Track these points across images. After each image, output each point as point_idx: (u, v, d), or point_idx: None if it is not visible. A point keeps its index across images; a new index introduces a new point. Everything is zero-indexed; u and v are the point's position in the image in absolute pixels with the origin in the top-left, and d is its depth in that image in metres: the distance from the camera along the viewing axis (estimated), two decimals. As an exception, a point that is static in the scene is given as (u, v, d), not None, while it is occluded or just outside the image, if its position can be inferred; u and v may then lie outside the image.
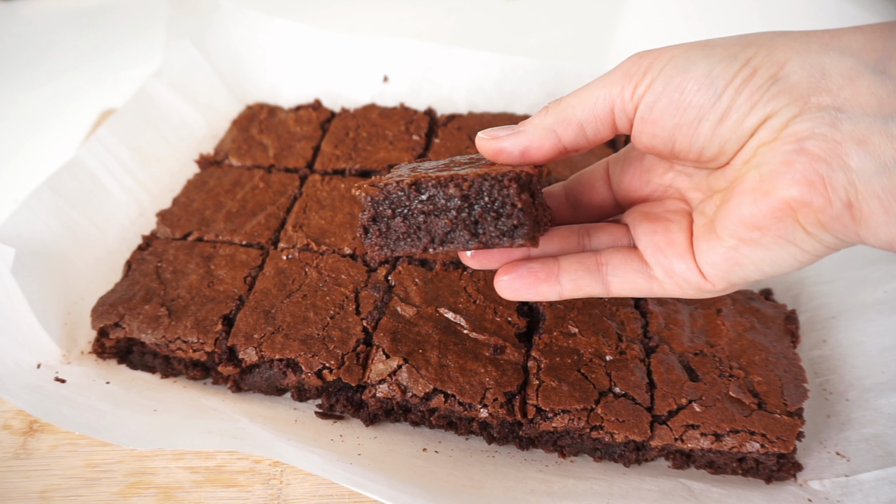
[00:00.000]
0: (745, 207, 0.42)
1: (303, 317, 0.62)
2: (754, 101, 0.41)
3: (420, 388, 0.56)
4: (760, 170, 0.42)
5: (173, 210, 0.74)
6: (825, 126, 0.38)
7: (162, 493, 0.56)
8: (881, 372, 0.60)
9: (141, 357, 0.65)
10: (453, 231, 0.44)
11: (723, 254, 0.45)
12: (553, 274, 0.49)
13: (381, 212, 0.45)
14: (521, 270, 0.49)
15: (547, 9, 1.23)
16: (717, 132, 0.43)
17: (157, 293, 0.65)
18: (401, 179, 0.45)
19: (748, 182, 0.43)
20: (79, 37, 1.26)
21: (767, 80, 0.40)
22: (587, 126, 0.45)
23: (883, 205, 0.37)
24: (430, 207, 0.44)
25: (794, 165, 0.40)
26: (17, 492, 0.57)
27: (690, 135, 0.43)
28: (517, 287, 0.49)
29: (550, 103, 0.47)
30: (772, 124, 0.41)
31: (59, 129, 1.03)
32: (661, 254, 0.48)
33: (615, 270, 0.49)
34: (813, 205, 0.39)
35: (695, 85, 0.42)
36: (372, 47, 0.94)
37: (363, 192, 0.45)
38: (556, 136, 0.46)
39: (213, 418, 0.58)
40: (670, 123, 0.43)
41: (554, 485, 0.54)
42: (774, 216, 0.41)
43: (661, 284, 0.48)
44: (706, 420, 0.54)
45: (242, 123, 0.85)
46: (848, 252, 0.70)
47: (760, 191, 0.41)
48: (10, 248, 0.63)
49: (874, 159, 0.37)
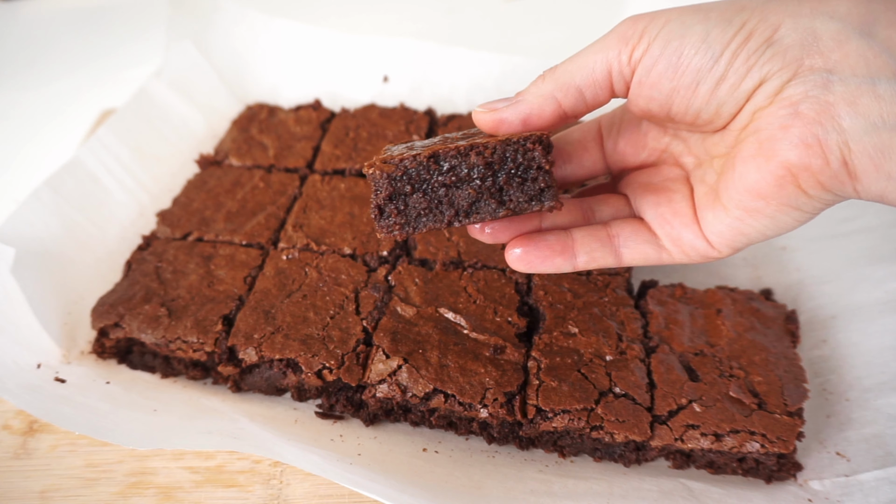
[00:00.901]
0: (750, 176, 0.43)
1: (303, 317, 0.62)
2: (750, 64, 0.41)
3: (420, 388, 0.56)
4: (759, 136, 0.42)
5: (173, 210, 0.74)
6: (818, 88, 0.40)
7: (162, 493, 0.56)
8: (881, 372, 0.60)
9: (141, 357, 0.65)
10: (478, 201, 0.43)
11: (729, 224, 0.45)
12: (568, 246, 0.49)
13: (399, 189, 0.43)
14: (536, 242, 0.49)
15: (547, 9, 1.23)
16: (714, 95, 0.43)
17: (157, 293, 0.65)
18: (417, 154, 0.43)
19: (748, 149, 0.43)
20: (79, 37, 1.26)
21: (762, 43, 0.41)
22: (586, 91, 0.46)
23: (874, 162, 0.39)
24: (451, 179, 0.43)
25: (791, 130, 0.40)
26: (17, 492, 0.57)
27: (688, 98, 0.44)
28: (532, 259, 0.49)
29: (546, 71, 0.47)
30: (767, 89, 0.42)
31: (59, 129, 1.03)
32: (668, 225, 0.49)
33: (626, 241, 0.50)
34: (812, 167, 0.40)
35: (692, 48, 0.42)
36: (372, 47, 0.94)
37: (377, 169, 0.43)
38: (556, 101, 0.46)
39: (213, 418, 0.58)
40: (668, 87, 0.44)
41: (554, 485, 0.54)
42: (777, 184, 0.42)
43: (670, 253, 0.49)
44: (706, 420, 0.54)
45: (242, 123, 0.85)
46: (848, 252, 0.70)
47: (762, 157, 0.42)
48: (10, 248, 0.63)
49: (864, 119, 0.38)
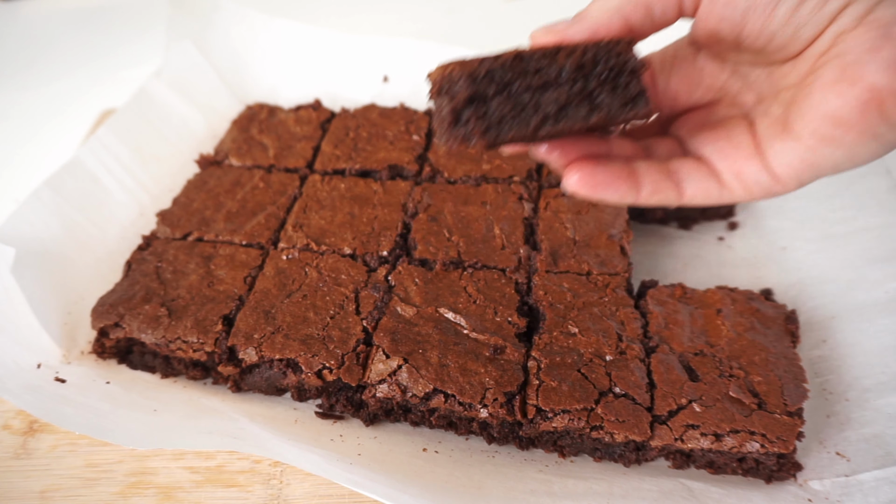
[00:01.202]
0: (830, 102, 0.40)
1: (303, 317, 0.62)
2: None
3: (420, 388, 0.56)
4: (842, 59, 0.39)
5: (173, 210, 0.74)
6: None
7: (162, 493, 0.56)
8: (881, 372, 0.60)
9: (141, 357, 0.65)
10: (568, 106, 0.40)
11: (800, 155, 0.42)
12: (634, 173, 0.45)
13: (481, 91, 0.40)
14: (602, 165, 0.44)
15: (547, 9, 1.23)
16: (795, 15, 0.40)
17: (157, 293, 0.65)
18: (500, 54, 0.40)
19: (829, 74, 0.40)
20: (79, 37, 1.26)
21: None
22: (655, 6, 0.42)
23: None
24: (538, 81, 0.40)
25: (882, 52, 0.38)
26: (17, 492, 0.57)
27: (764, 18, 0.41)
28: (598, 182, 0.44)
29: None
30: (854, 10, 0.39)
31: (59, 129, 1.03)
32: (730, 159, 0.45)
33: (687, 177, 0.46)
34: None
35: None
36: (372, 47, 0.94)
37: (454, 69, 0.40)
38: (623, 17, 0.42)
39: (213, 418, 0.58)
40: (743, 4, 0.40)
41: (554, 485, 0.54)
42: (862, 109, 0.39)
43: (731, 190, 0.45)
44: (706, 420, 0.54)
45: (242, 123, 0.85)
46: (847, 252, 0.70)
47: (845, 82, 0.39)
48: (10, 248, 0.63)
49: None
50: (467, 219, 0.70)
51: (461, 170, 0.76)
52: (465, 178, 0.76)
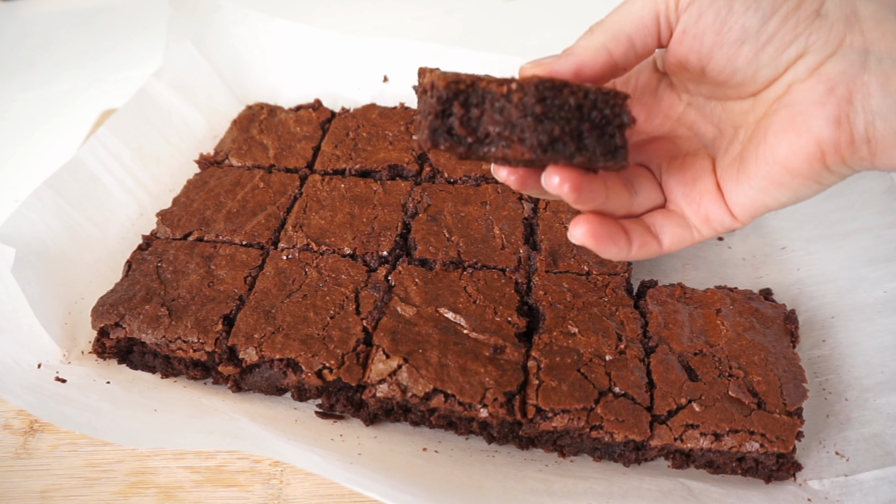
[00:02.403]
0: (781, 150, 0.44)
1: (303, 317, 0.62)
2: (798, 32, 0.42)
3: (420, 388, 0.56)
4: (792, 109, 0.43)
5: (173, 210, 0.74)
6: (855, 67, 0.41)
7: (162, 493, 0.56)
8: (880, 372, 0.60)
9: (141, 357, 0.65)
10: (558, 140, 0.42)
11: (752, 196, 0.47)
12: (627, 231, 0.50)
13: (473, 103, 0.42)
14: (604, 222, 0.49)
15: (547, 9, 1.23)
16: (756, 57, 0.43)
17: (158, 293, 0.65)
18: (503, 79, 0.42)
19: (780, 121, 0.44)
20: (79, 37, 1.26)
21: (811, 13, 0.41)
22: (636, 38, 0.45)
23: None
24: (540, 110, 0.41)
25: (826, 106, 0.41)
26: (17, 492, 0.57)
27: (729, 55, 0.44)
28: (602, 236, 0.49)
29: (593, 25, 0.47)
30: (807, 62, 0.42)
31: (59, 129, 1.03)
32: (697, 205, 0.50)
33: (663, 230, 0.51)
34: (840, 144, 0.42)
35: (742, 5, 0.42)
36: (372, 47, 0.94)
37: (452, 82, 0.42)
38: (607, 52, 0.46)
39: (214, 418, 0.58)
40: (711, 40, 0.44)
41: (554, 484, 0.54)
42: (808, 160, 0.43)
43: (700, 232, 0.51)
44: (706, 420, 0.54)
45: (242, 123, 0.85)
46: (847, 252, 0.70)
47: (794, 132, 0.43)
48: (10, 248, 0.63)
49: (894, 98, 0.40)
50: (467, 219, 0.70)
51: (461, 170, 0.76)
52: (465, 178, 0.76)
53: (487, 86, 0.42)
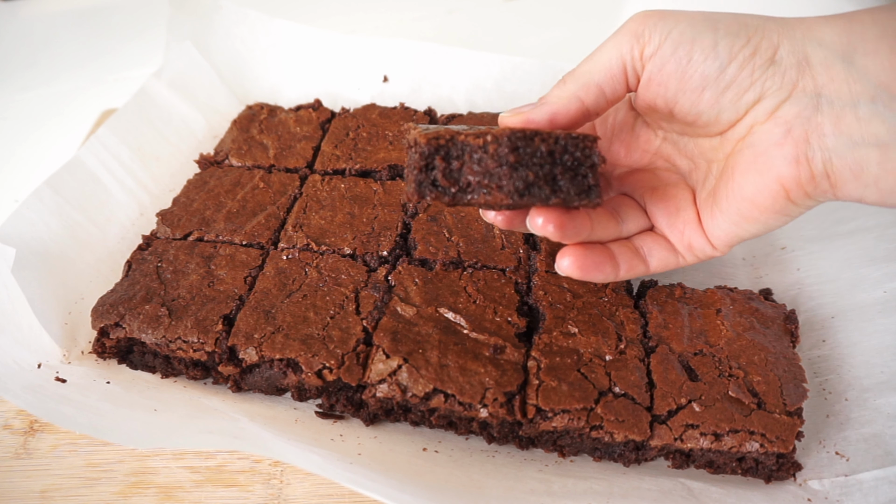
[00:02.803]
0: (748, 188, 0.48)
1: (303, 317, 0.62)
2: (754, 78, 0.46)
3: (420, 388, 0.56)
4: (755, 149, 0.48)
5: (173, 210, 0.74)
6: (809, 110, 0.45)
7: (162, 493, 0.56)
8: (880, 372, 0.60)
9: (141, 357, 0.65)
10: (534, 185, 0.45)
11: (726, 228, 0.52)
12: (613, 256, 0.54)
13: (454, 156, 0.46)
14: (589, 251, 0.53)
15: (547, 9, 1.23)
16: (717, 101, 0.47)
17: (158, 293, 0.65)
18: (479, 131, 0.45)
19: (744, 160, 0.48)
20: (79, 37, 1.26)
21: (766, 60, 0.45)
22: (605, 87, 0.49)
23: (853, 173, 0.44)
24: (514, 159, 0.45)
25: (784, 147, 0.46)
26: (17, 492, 0.57)
27: (693, 99, 0.48)
28: (587, 265, 0.53)
29: (565, 75, 0.50)
30: (765, 105, 0.46)
31: (59, 129, 1.03)
32: (680, 233, 0.55)
33: (650, 252, 0.56)
34: (801, 180, 0.46)
35: (701, 55, 0.46)
36: (372, 47, 0.94)
37: (432, 134, 0.45)
38: (579, 100, 0.49)
39: (214, 418, 0.58)
40: (675, 86, 0.48)
41: (554, 484, 0.55)
42: (772, 196, 0.47)
43: (684, 257, 0.56)
44: (706, 420, 0.54)
45: (242, 123, 0.85)
46: (847, 252, 0.70)
47: (757, 171, 0.47)
48: (10, 248, 0.63)
49: (847, 138, 0.44)
50: (467, 219, 0.70)
51: (461, 170, 0.76)
52: (465, 178, 0.76)
53: (465, 139, 0.45)
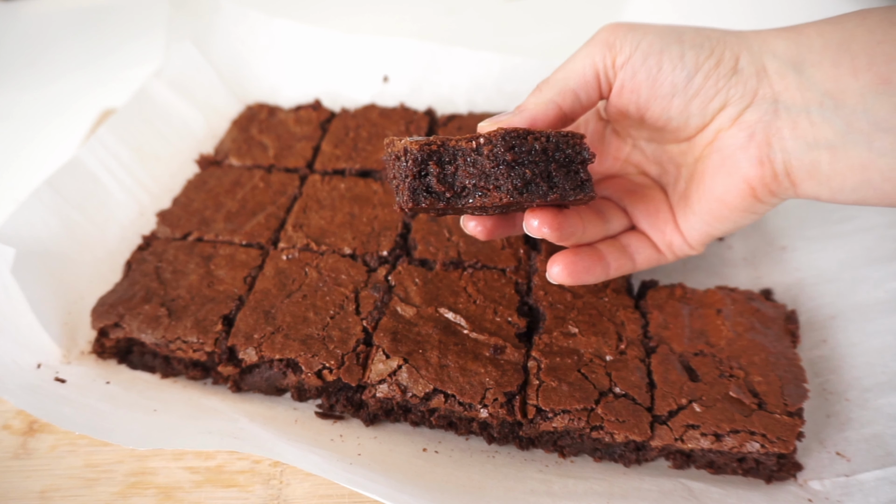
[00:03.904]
0: (717, 189, 0.52)
1: (303, 317, 0.62)
2: (718, 87, 0.49)
3: (420, 388, 0.56)
4: (722, 153, 0.51)
5: (173, 210, 0.74)
6: (769, 115, 0.48)
7: (162, 493, 0.56)
8: (881, 372, 0.60)
9: (141, 357, 0.65)
10: (532, 182, 0.46)
11: (699, 228, 0.56)
12: (602, 257, 0.57)
13: (445, 161, 0.47)
14: (578, 257, 0.56)
15: (547, 9, 1.23)
16: (686, 108, 0.51)
17: (157, 293, 0.65)
18: (464, 137, 0.47)
19: (713, 163, 0.52)
20: (79, 37, 1.26)
21: (729, 70, 0.49)
22: (580, 92, 0.52)
23: (809, 173, 0.48)
24: (510, 158, 0.46)
25: (748, 150, 0.50)
26: (16, 492, 0.57)
27: (663, 106, 0.51)
28: (577, 270, 0.56)
29: (540, 83, 0.53)
30: (729, 112, 0.50)
31: (59, 129, 1.03)
32: (661, 233, 0.59)
33: (636, 250, 0.59)
34: (765, 179, 0.50)
35: (670, 64, 0.49)
36: (372, 47, 0.94)
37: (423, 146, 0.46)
38: (556, 105, 0.52)
39: (213, 418, 0.58)
40: (646, 94, 0.51)
41: (554, 485, 0.54)
42: (740, 196, 0.51)
43: (666, 256, 0.59)
44: (706, 420, 0.54)
45: (242, 123, 0.85)
46: (847, 252, 0.70)
47: (725, 173, 0.51)
48: (10, 248, 0.63)
49: (803, 140, 0.47)
50: (467, 219, 0.70)
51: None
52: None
53: (457, 143, 0.46)
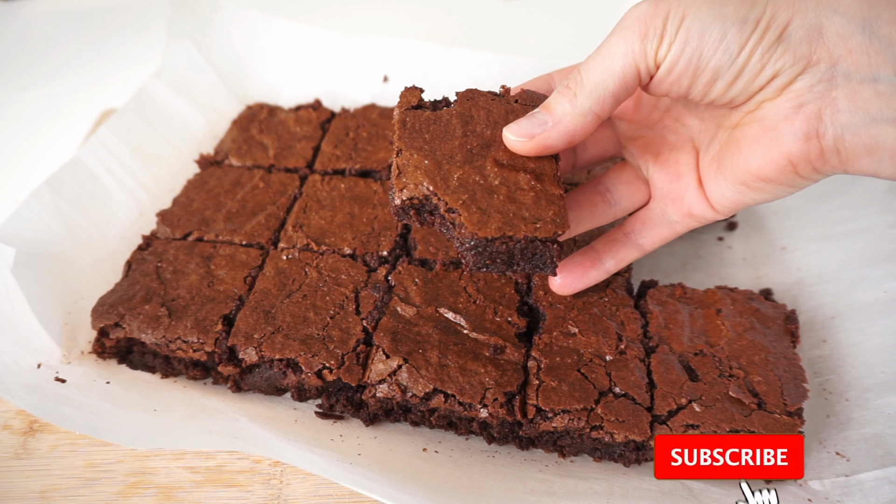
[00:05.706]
0: (754, 160, 0.48)
1: (303, 317, 0.62)
2: (764, 62, 0.44)
3: (420, 388, 0.56)
4: (763, 123, 0.47)
5: (173, 210, 0.74)
6: (823, 84, 0.43)
7: (162, 493, 0.56)
8: (881, 372, 0.60)
9: (141, 357, 0.65)
10: (493, 264, 0.50)
11: (730, 196, 0.51)
12: (595, 259, 0.57)
13: (425, 212, 0.51)
14: (569, 268, 0.56)
15: (547, 9, 1.23)
16: (729, 89, 0.47)
17: (157, 293, 0.65)
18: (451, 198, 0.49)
19: (752, 132, 0.48)
20: (79, 37, 1.26)
21: (775, 41, 0.44)
22: (620, 94, 0.48)
23: (867, 149, 0.43)
24: (473, 253, 0.49)
25: (795, 123, 0.45)
26: (17, 492, 0.57)
27: (705, 90, 0.47)
28: (571, 282, 0.56)
29: (571, 83, 0.48)
30: (777, 83, 0.45)
31: (59, 129, 1.03)
32: (681, 201, 0.55)
33: (642, 234, 0.57)
34: (810, 156, 0.45)
35: (711, 49, 0.45)
36: (372, 47, 0.94)
37: (400, 199, 0.49)
38: (595, 116, 0.48)
39: (214, 418, 0.58)
40: (687, 83, 0.47)
41: (554, 485, 0.54)
42: (779, 170, 0.47)
43: (682, 225, 0.56)
44: (706, 420, 0.54)
45: (242, 123, 0.85)
46: (847, 252, 0.70)
47: (765, 145, 0.47)
48: (10, 248, 0.63)
49: (863, 113, 0.42)
50: (467, 219, 0.70)
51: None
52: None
53: (438, 203, 0.49)
